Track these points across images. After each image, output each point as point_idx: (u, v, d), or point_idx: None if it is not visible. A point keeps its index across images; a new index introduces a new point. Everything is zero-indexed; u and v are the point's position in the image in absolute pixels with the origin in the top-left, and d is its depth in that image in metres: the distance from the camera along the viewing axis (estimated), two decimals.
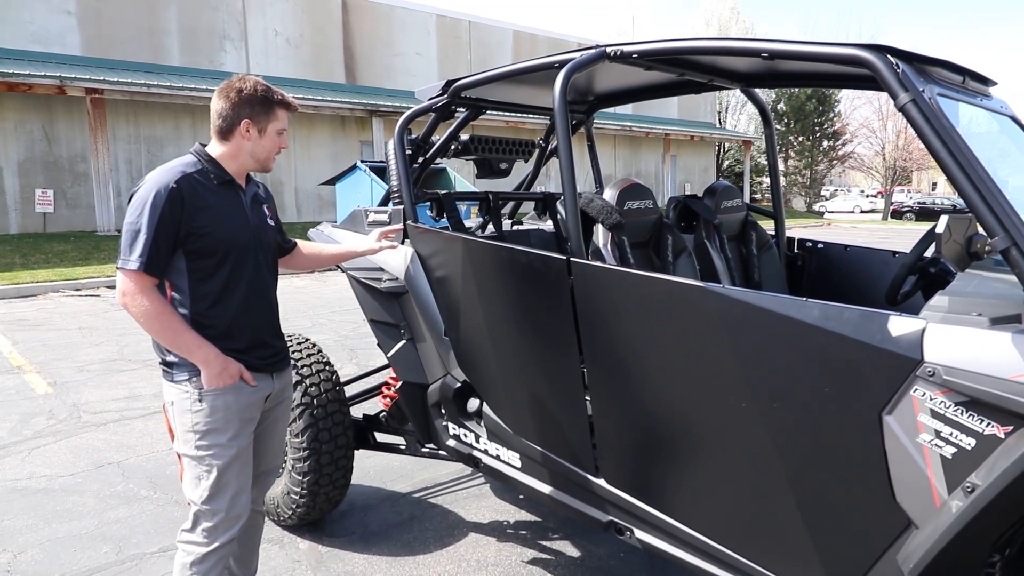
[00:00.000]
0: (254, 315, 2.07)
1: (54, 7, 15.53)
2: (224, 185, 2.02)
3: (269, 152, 2.07)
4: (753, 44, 2.01)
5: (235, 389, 2.00)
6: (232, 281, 2.01)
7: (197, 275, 1.97)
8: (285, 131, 2.09)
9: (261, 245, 2.10)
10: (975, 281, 1.75)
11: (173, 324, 1.92)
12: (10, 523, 3.21)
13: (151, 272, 1.88)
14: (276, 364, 2.18)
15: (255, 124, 2.01)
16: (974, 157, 1.61)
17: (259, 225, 2.11)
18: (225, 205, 2.00)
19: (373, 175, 12.66)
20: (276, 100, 2.04)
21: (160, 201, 1.87)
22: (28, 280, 10.18)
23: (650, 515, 2.13)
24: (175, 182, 1.90)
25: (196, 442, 1.99)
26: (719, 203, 3.40)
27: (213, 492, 1.99)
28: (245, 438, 2.05)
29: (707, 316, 1.86)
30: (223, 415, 1.99)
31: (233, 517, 2.03)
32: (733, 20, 37.65)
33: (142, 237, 1.86)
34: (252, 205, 2.11)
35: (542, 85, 2.80)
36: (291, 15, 19.44)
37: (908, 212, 31.98)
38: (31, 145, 14.96)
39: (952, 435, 1.50)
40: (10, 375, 5.68)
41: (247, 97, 2.00)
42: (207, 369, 1.95)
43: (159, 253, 1.88)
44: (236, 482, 2.03)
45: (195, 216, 1.92)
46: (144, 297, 1.88)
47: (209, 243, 1.95)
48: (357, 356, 6.26)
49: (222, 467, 1.99)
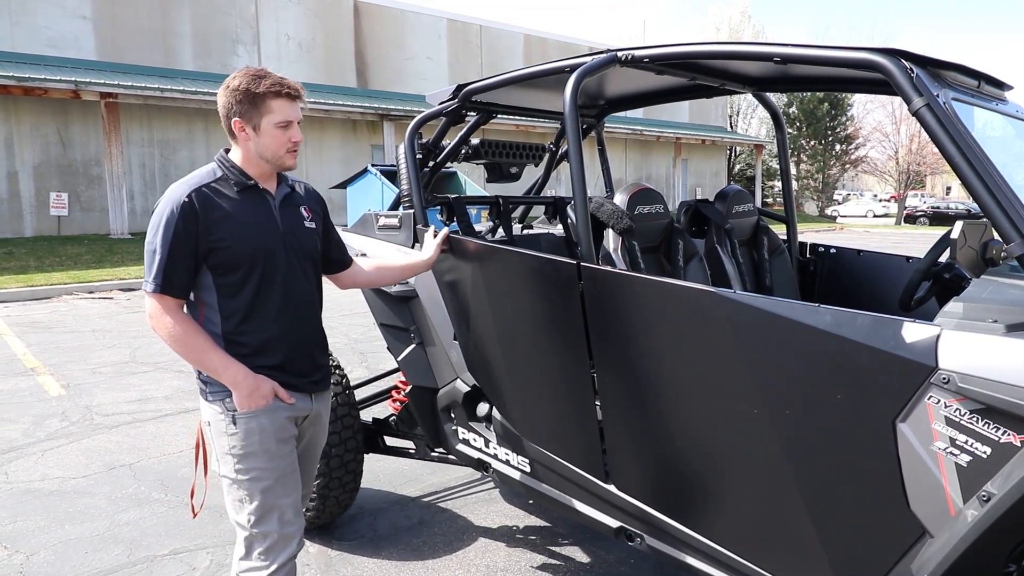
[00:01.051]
0: (290, 328, 1.93)
1: (69, 12, 15.72)
2: (247, 191, 1.89)
3: (275, 150, 1.87)
4: (765, 48, 2.00)
5: (269, 410, 1.88)
6: (262, 294, 1.87)
7: (225, 290, 1.86)
8: (291, 123, 1.86)
9: (295, 251, 1.94)
10: (990, 287, 1.73)
11: (199, 344, 1.83)
12: (23, 524, 3.24)
13: (169, 293, 1.80)
14: (317, 384, 2.03)
15: (247, 122, 1.84)
16: (989, 162, 1.59)
17: (292, 230, 1.95)
18: (248, 213, 1.86)
19: (384, 179, 12.70)
20: (262, 91, 1.82)
21: (173, 218, 1.78)
22: (42, 283, 10.29)
23: (661, 521, 2.12)
24: (187, 196, 1.80)
25: (235, 465, 1.89)
26: (730, 208, 3.38)
27: (260, 515, 1.88)
28: (285, 458, 1.92)
29: (718, 322, 1.84)
30: (258, 438, 1.87)
31: (287, 536, 1.91)
32: (744, 23, 37.56)
33: (157, 257, 1.78)
34: (283, 208, 1.95)
35: (553, 89, 2.80)
36: (303, 19, 19.58)
37: (922, 217, 31.72)
38: (46, 149, 15.13)
39: (967, 443, 1.48)
40: (24, 377, 5.74)
41: (231, 93, 1.83)
42: (237, 391, 1.84)
43: (177, 272, 1.79)
44: (283, 501, 1.90)
45: (212, 229, 1.81)
46: (167, 317, 1.81)
47: (231, 256, 1.83)
48: (367, 360, 6.28)
49: (264, 489, 1.88)
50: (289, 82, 1.86)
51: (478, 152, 3.14)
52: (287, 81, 1.86)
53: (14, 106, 14.56)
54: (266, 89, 1.82)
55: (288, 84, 1.86)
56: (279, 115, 1.85)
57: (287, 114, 1.86)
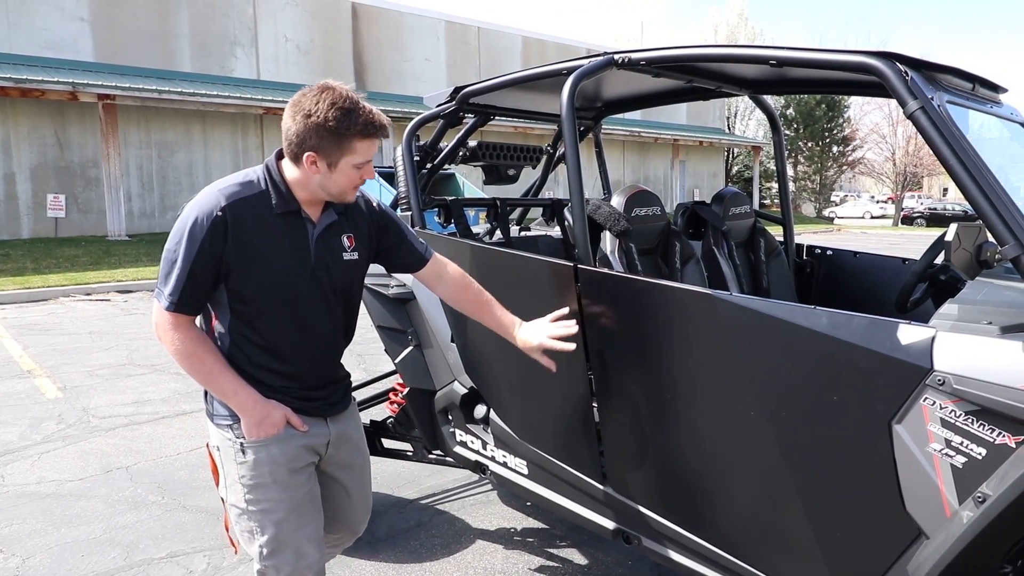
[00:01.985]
0: (303, 367, 1.79)
1: (67, 14, 15.70)
2: (287, 216, 1.70)
3: (344, 188, 1.69)
4: (761, 51, 2.01)
5: (280, 439, 1.75)
6: (279, 325, 1.73)
7: (240, 315, 1.71)
8: (369, 162, 1.69)
9: (321, 286, 1.76)
10: (985, 289, 1.74)
11: (207, 364, 1.69)
12: (19, 528, 3.23)
13: (183, 311, 1.66)
14: (332, 406, 1.89)
15: (323, 159, 1.64)
16: (984, 165, 1.60)
17: (323, 263, 1.75)
18: (281, 240, 1.69)
19: (382, 180, 12.69)
20: (353, 133, 1.62)
21: (200, 231, 1.61)
22: (39, 284, 10.27)
23: (658, 523, 2.12)
24: (221, 209, 1.62)
25: (245, 495, 1.77)
26: (727, 209, 3.39)
27: (273, 548, 1.77)
28: (299, 488, 1.79)
29: (715, 323, 1.85)
30: (268, 468, 1.74)
31: (303, 570, 1.79)
32: (741, 26, 37.62)
33: (176, 270, 1.63)
34: (321, 238, 1.76)
35: (550, 91, 2.80)
36: (301, 21, 19.58)
37: (919, 218, 31.80)
38: (43, 150, 15.11)
39: (963, 444, 1.48)
40: (20, 379, 5.72)
41: (314, 126, 1.61)
42: (245, 417, 1.71)
43: (195, 290, 1.65)
44: (298, 534, 1.78)
45: (239, 251, 1.64)
46: (176, 333, 1.67)
47: (252, 284, 1.68)
48: (365, 362, 6.27)
49: (278, 521, 1.76)
50: (380, 119, 1.66)
51: (476, 154, 3.15)
52: (378, 118, 1.66)
53: (11, 108, 14.54)
54: (358, 130, 1.62)
55: (379, 123, 1.66)
56: (361, 156, 1.67)
57: (368, 154, 1.68)
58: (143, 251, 13.28)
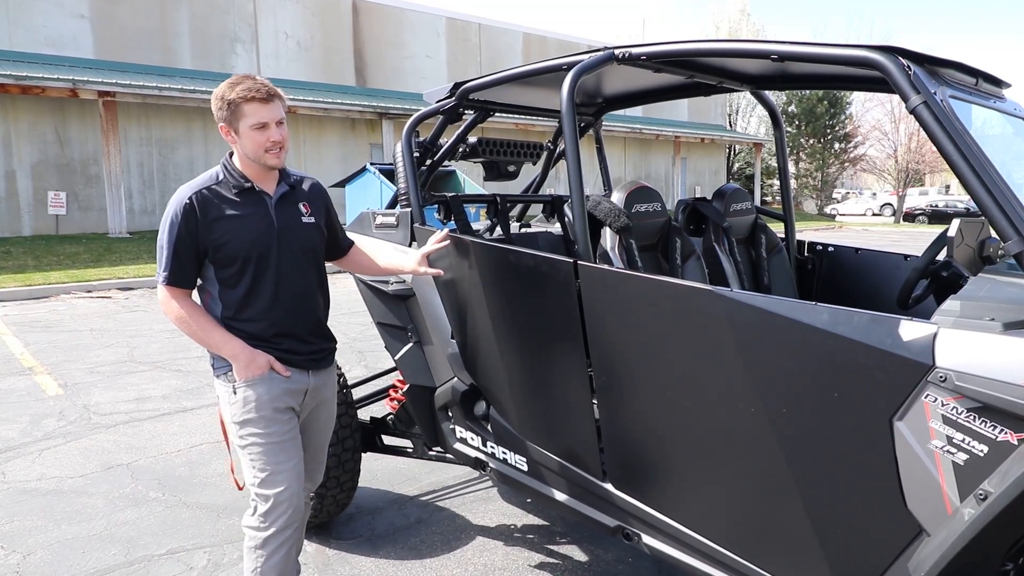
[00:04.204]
0: (284, 316, 2.11)
1: (67, 11, 15.68)
2: (244, 193, 2.07)
3: (255, 150, 2.01)
4: (762, 46, 2.00)
5: (265, 380, 2.07)
6: (256, 286, 2.06)
7: (225, 282, 2.07)
8: (266, 124, 1.99)
9: (289, 245, 2.10)
10: (988, 285, 1.73)
11: (202, 324, 2.05)
12: (20, 524, 3.23)
13: (175, 284, 2.03)
14: (316, 362, 2.20)
15: (229, 127, 2.02)
16: (987, 160, 1.59)
17: (287, 226, 2.11)
18: (245, 213, 2.05)
19: (383, 177, 12.69)
20: (235, 98, 1.96)
21: (177, 219, 2.00)
22: (40, 282, 10.27)
23: (658, 520, 2.12)
24: (189, 199, 2.01)
25: (238, 432, 2.09)
26: (728, 206, 3.37)
27: (261, 478, 2.06)
28: (282, 426, 2.09)
29: (715, 320, 1.84)
30: (255, 405, 2.06)
31: (283, 502, 2.06)
32: (743, 22, 37.52)
33: (165, 253, 2.02)
34: (280, 206, 2.11)
35: (550, 87, 2.79)
36: (301, 18, 19.54)
37: (921, 215, 31.73)
38: (44, 148, 15.11)
39: (964, 441, 1.47)
40: (21, 376, 5.73)
41: (215, 102, 2.01)
42: (235, 362, 2.04)
43: (181, 267, 2.02)
44: (281, 466, 2.06)
45: (211, 229, 2.01)
46: (174, 302, 2.05)
47: (228, 253, 2.03)
48: (366, 359, 6.27)
49: (263, 454, 2.06)
50: (260, 85, 1.98)
51: (476, 150, 3.13)
52: (258, 84, 1.98)
53: (12, 105, 14.53)
54: (237, 95, 1.96)
55: (258, 87, 1.97)
56: (252, 118, 1.98)
57: (260, 116, 1.98)
58: (144, 248, 13.27)
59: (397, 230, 2.86)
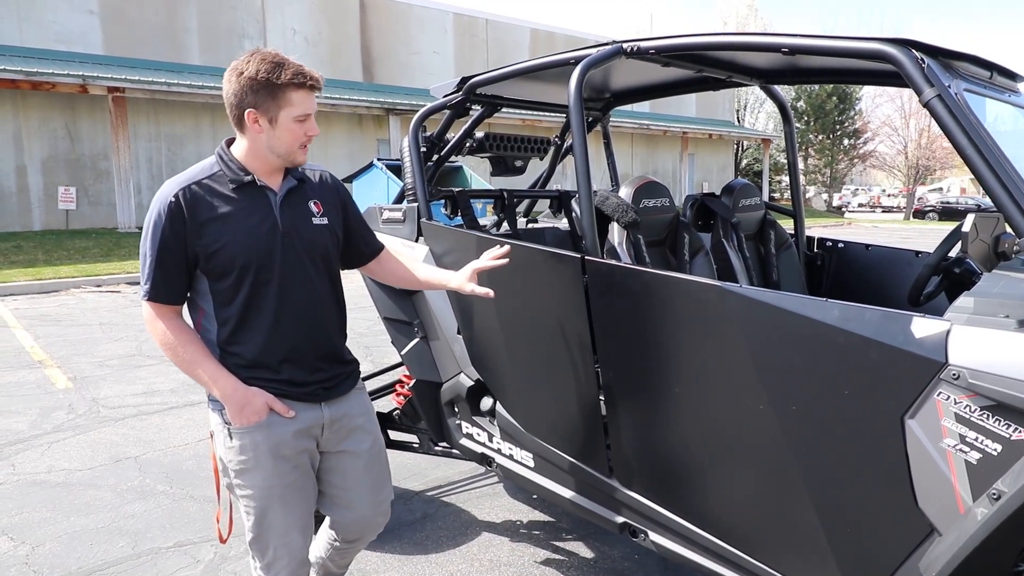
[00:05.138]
0: (288, 337, 1.77)
1: (77, 7, 15.75)
2: (243, 188, 1.72)
3: (290, 145, 1.71)
4: (773, 39, 1.97)
5: (264, 426, 1.75)
6: (256, 300, 1.72)
7: (219, 297, 1.73)
8: (309, 116, 1.71)
9: (296, 253, 1.76)
10: (1002, 282, 1.70)
11: (189, 354, 1.71)
12: (29, 516, 3.25)
13: (159, 300, 1.70)
14: (328, 391, 1.85)
15: (263, 114, 1.68)
16: (1002, 154, 1.57)
17: (294, 228, 1.77)
18: (241, 212, 1.71)
19: (389, 173, 12.69)
20: (284, 82, 1.65)
21: (160, 221, 1.67)
22: (50, 276, 10.34)
23: (665, 518, 2.10)
24: (174, 196, 1.67)
25: (233, 480, 1.81)
26: (737, 201, 3.35)
27: (257, 533, 1.81)
28: (284, 477, 1.78)
29: (724, 316, 1.82)
30: (252, 455, 1.75)
31: (286, 557, 1.81)
32: (751, 17, 37.30)
33: (147, 262, 1.69)
34: (285, 204, 1.78)
35: (558, 82, 2.77)
36: (309, 14, 19.56)
37: (931, 212, 31.50)
38: (54, 143, 15.19)
39: (977, 440, 1.45)
40: (32, 369, 5.76)
41: (247, 82, 1.66)
42: (227, 405, 1.72)
43: (166, 279, 1.69)
44: (282, 523, 1.79)
45: (201, 231, 1.67)
46: (160, 323, 1.72)
47: (222, 260, 1.69)
48: (372, 354, 6.28)
49: (261, 509, 1.78)
50: (311, 72, 1.70)
51: (483, 145, 3.12)
52: (309, 71, 1.70)
53: (22, 100, 14.61)
54: (288, 79, 1.65)
55: (311, 75, 1.69)
56: (299, 108, 1.69)
57: (307, 107, 1.70)
58: None
59: (404, 225, 2.85)
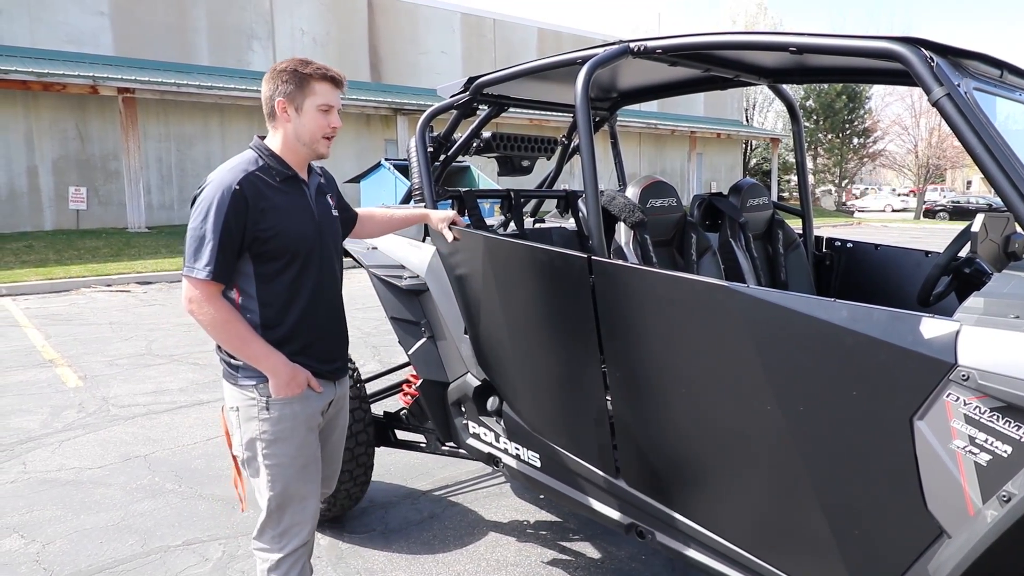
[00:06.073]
0: (319, 317, 1.97)
1: (87, 8, 15.86)
2: (287, 181, 1.92)
3: (313, 133, 1.90)
4: (781, 38, 1.97)
5: (302, 398, 1.93)
6: (299, 283, 1.91)
7: (264, 278, 1.88)
8: (332, 108, 1.91)
9: (327, 240, 2.00)
10: (1013, 282, 1.69)
11: (241, 332, 1.84)
12: (39, 514, 3.28)
13: (219, 280, 1.81)
14: (340, 371, 2.10)
15: (290, 102, 1.88)
16: (1012, 153, 1.55)
17: (324, 219, 2.01)
18: (290, 203, 1.90)
19: (397, 173, 12.73)
20: (309, 73, 1.87)
21: (224, 205, 1.78)
22: (61, 275, 10.42)
23: (672, 518, 2.10)
24: (238, 183, 1.80)
25: (263, 450, 1.91)
26: (745, 201, 3.34)
27: (281, 502, 1.94)
28: (310, 447, 1.97)
29: (731, 316, 1.82)
30: (291, 424, 1.91)
31: (301, 523, 1.97)
32: (760, 16, 37.15)
33: (208, 244, 1.78)
34: (317, 197, 2.01)
35: (565, 81, 2.77)
36: (317, 14, 19.62)
37: (941, 211, 31.28)
38: (65, 143, 15.31)
39: (987, 441, 1.44)
40: (43, 368, 5.81)
41: (278, 74, 1.89)
42: (275, 378, 1.87)
43: (226, 260, 1.80)
44: (304, 489, 1.97)
45: (260, 219, 1.82)
46: (211, 305, 1.81)
47: (276, 246, 1.86)
48: (380, 353, 6.29)
49: (290, 477, 1.93)
50: (334, 68, 1.95)
51: (490, 145, 3.12)
52: (332, 68, 1.95)
53: (34, 101, 14.73)
54: (313, 71, 1.88)
55: (333, 70, 1.94)
56: (322, 98, 1.90)
57: (329, 98, 1.91)
58: (162, 243, 13.43)
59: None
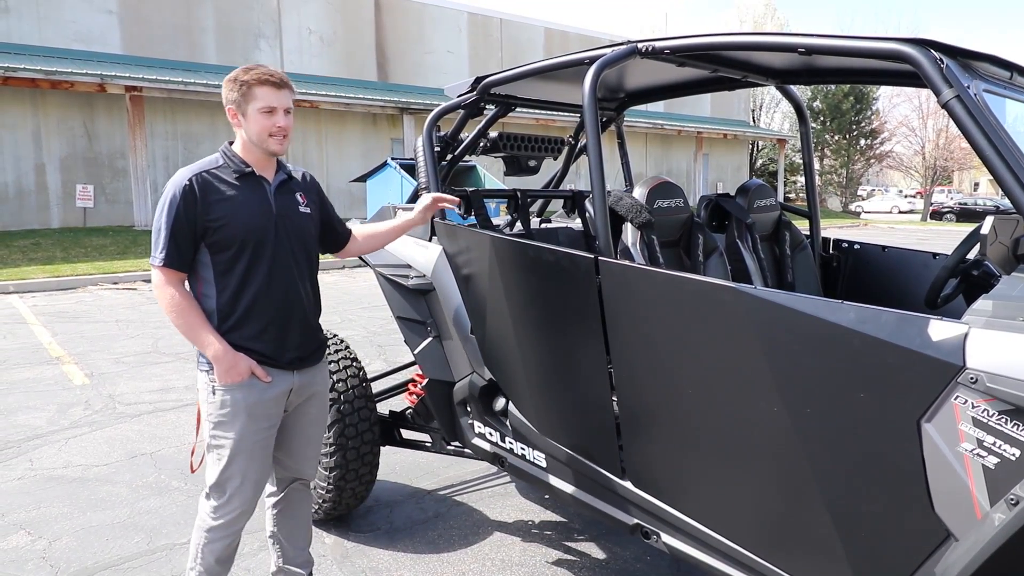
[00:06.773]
0: (272, 304, 2.09)
1: (96, 6, 15.93)
2: (244, 177, 2.07)
3: (259, 134, 2.04)
4: (789, 39, 1.96)
5: (244, 386, 2.06)
6: (251, 271, 2.05)
7: (219, 267, 2.05)
8: (274, 109, 2.04)
9: (286, 234, 2.11)
10: (1021, 285, 1.68)
11: (190, 319, 2.02)
12: (46, 511, 3.30)
13: (172, 267, 2.01)
14: (301, 361, 2.18)
15: (237, 109, 2.05)
16: (1022, 156, 1.54)
17: (285, 213, 2.12)
18: (244, 197, 2.05)
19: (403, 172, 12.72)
20: (248, 79, 2.02)
21: (175, 200, 1.98)
22: (68, 273, 10.47)
23: (677, 519, 2.10)
24: (188, 180, 2.00)
25: (211, 431, 2.11)
26: (752, 202, 3.33)
27: (220, 480, 2.11)
28: (254, 434, 2.10)
29: (738, 317, 1.81)
30: (231, 410, 2.07)
31: (235, 505, 2.12)
32: (768, 17, 37.03)
33: (162, 235, 1.99)
34: (278, 193, 2.13)
35: (572, 81, 2.77)
36: (324, 13, 19.66)
37: (948, 213, 31.14)
38: (72, 141, 15.37)
39: (995, 445, 1.43)
40: (49, 366, 5.84)
41: (227, 83, 2.06)
42: (217, 365, 2.03)
43: (178, 248, 2.00)
44: (241, 475, 2.10)
45: (209, 210, 2.00)
46: (170, 289, 2.01)
47: (225, 235, 2.02)
48: (386, 352, 6.30)
49: (229, 457, 2.09)
50: (273, 71, 2.06)
51: (496, 145, 3.12)
52: (272, 70, 2.06)
53: (41, 99, 14.80)
54: (252, 77, 2.02)
55: (272, 73, 2.05)
56: (262, 101, 2.02)
57: (270, 101, 2.03)
58: None
59: None
